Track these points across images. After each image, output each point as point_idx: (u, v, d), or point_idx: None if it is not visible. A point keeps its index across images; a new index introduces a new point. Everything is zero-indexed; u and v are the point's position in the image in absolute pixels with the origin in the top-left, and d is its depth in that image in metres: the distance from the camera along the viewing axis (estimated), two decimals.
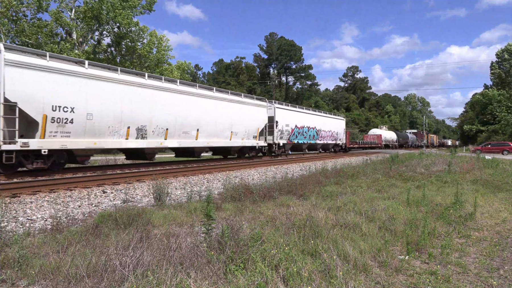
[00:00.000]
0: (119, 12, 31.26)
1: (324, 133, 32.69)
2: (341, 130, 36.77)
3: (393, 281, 3.79)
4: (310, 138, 29.74)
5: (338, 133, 35.98)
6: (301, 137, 28.04)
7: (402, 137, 66.24)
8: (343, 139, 37.21)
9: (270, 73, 78.48)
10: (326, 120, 33.40)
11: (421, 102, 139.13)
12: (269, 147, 24.24)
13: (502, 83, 59.64)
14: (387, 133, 60.30)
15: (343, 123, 38.15)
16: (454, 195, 7.73)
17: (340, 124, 37.02)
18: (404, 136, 67.83)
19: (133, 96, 13.87)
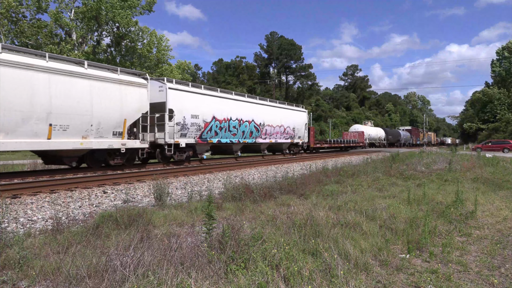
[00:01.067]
0: (117, 12, 31.27)
1: (271, 129, 23.33)
2: (300, 126, 27.24)
3: (394, 280, 3.79)
4: (244, 135, 20.65)
5: (296, 129, 26.49)
6: (226, 134, 19.22)
7: (393, 135, 58.79)
8: (304, 137, 28.03)
9: (270, 73, 78.43)
10: (274, 112, 23.81)
11: (421, 101, 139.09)
12: (160, 149, 15.82)
13: (503, 81, 59.55)
14: (372, 129, 51.99)
15: (303, 116, 28.36)
16: (455, 193, 7.72)
17: (298, 117, 27.25)
18: (394, 134, 60.11)
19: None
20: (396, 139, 59.24)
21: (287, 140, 25.84)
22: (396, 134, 60.58)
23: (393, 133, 59.39)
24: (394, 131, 62.27)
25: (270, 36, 79.33)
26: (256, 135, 21.95)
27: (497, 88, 58.38)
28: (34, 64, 10.61)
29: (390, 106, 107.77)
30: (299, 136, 27.38)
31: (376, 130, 52.91)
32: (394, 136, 59.10)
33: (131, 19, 33.33)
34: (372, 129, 52.36)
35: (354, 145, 41.89)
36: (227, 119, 19.24)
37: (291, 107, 27.20)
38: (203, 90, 18.23)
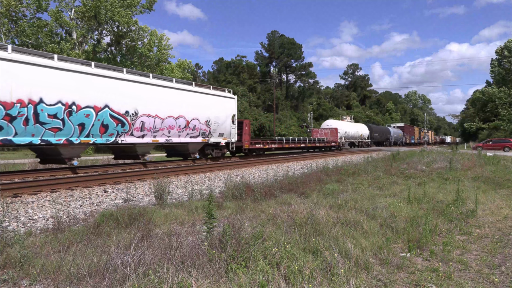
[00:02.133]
0: (117, 11, 31.26)
1: (158, 123, 14.94)
2: (222, 119, 18.67)
3: (395, 279, 3.79)
4: (86, 132, 12.23)
5: (213, 123, 17.99)
6: (30, 129, 10.55)
7: (380, 132, 50.39)
8: (230, 135, 19.32)
9: (271, 72, 78.38)
10: (163, 95, 15.30)
11: (422, 99, 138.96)
12: None
13: (503, 80, 59.46)
14: (351, 126, 42.99)
15: (228, 104, 19.35)
16: (456, 192, 7.72)
17: (218, 106, 18.56)
18: (382, 131, 51.75)
19: None
20: (384, 137, 51.93)
21: (196, 139, 16.97)
22: (384, 131, 52.77)
23: (380, 131, 51.18)
24: (381, 128, 54.56)
25: (271, 35, 79.27)
26: (119, 131, 13.32)
27: (497, 87, 58.30)
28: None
29: (390, 105, 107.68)
30: (220, 134, 18.56)
31: (357, 127, 44.48)
32: (382, 134, 51.39)
33: (131, 18, 33.32)
34: (351, 125, 43.50)
35: (323, 145, 32.80)
36: (33, 102, 10.52)
37: (203, 89, 17.76)
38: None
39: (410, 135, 65.46)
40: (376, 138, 48.60)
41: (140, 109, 14.13)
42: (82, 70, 12.04)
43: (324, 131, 36.15)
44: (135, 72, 14.99)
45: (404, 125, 66.86)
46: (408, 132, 64.36)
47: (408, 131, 65.39)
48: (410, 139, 64.76)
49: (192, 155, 17.63)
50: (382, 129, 53.56)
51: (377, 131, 49.99)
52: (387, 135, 53.32)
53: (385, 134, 52.94)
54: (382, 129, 53.87)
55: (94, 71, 12.43)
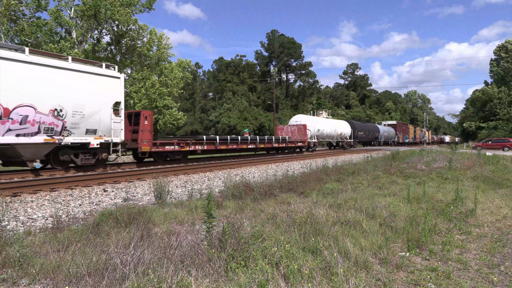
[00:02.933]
0: (116, 10, 31.21)
1: None
2: (98, 106, 13.17)
3: (394, 278, 3.79)
4: None
5: (77, 116, 12.54)
6: None
7: (366, 130, 43.66)
8: (114, 133, 13.86)
9: (270, 71, 78.33)
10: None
11: (422, 99, 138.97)
12: None
13: (502, 80, 59.51)
14: (327, 123, 34.65)
15: (111, 86, 13.71)
16: (455, 191, 7.73)
17: (92, 88, 12.97)
18: (369, 129, 45.01)
19: None
20: (371, 136, 45.64)
21: (31, 138, 11.12)
22: (371, 129, 45.80)
23: (366, 129, 44.14)
24: (368, 125, 47.28)
25: (271, 34, 79.22)
26: None
27: (497, 87, 58.35)
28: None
29: (390, 105, 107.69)
30: (89, 130, 12.92)
31: (335, 124, 36.26)
32: (368, 133, 44.32)
33: (130, 17, 33.27)
34: (327, 122, 34.91)
35: (285, 146, 26.04)
36: None
37: (48, 60, 11.70)
38: None
39: (403, 134, 59.82)
40: (360, 137, 41.96)
41: None
42: None
43: (291, 129, 29.54)
44: None
45: (396, 123, 60.05)
46: (401, 131, 58.55)
47: (402, 129, 59.49)
48: (403, 138, 59.33)
49: (30, 163, 11.35)
50: (369, 127, 46.13)
51: (362, 129, 43.01)
52: (375, 133, 46.82)
53: (373, 132, 46.34)
54: (368, 127, 46.32)
55: None
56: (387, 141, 52.07)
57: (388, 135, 52.04)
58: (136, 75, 35.21)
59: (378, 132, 48.13)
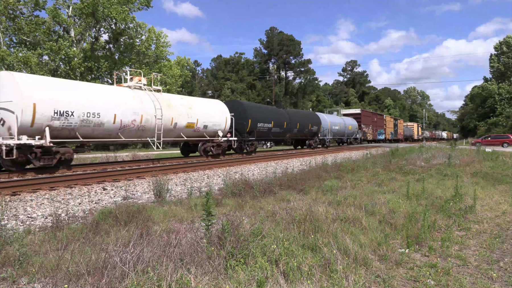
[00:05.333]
0: (114, 8, 31.11)
1: None
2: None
3: (393, 275, 3.80)
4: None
5: None
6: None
7: (290, 123, 25.11)
8: None
9: (269, 68, 78.20)
10: None
11: (421, 96, 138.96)
12: None
13: (502, 76, 59.48)
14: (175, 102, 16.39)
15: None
16: (454, 188, 7.73)
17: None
18: (295, 120, 25.88)
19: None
20: (306, 132, 28.09)
21: None
22: (304, 120, 27.41)
23: (287, 119, 24.94)
24: (294, 114, 26.65)
25: (269, 32, 79.02)
26: None
27: (496, 83, 58.33)
28: None
29: (389, 101, 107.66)
30: None
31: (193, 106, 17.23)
32: (303, 128, 27.01)
33: (128, 15, 33.16)
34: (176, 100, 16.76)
35: None
36: None
37: None
38: None
39: (375, 128, 44.43)
40: (275, 133, 23.52)
41: None
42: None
43: None
44: None
45: (361, 111, 41.80)
46: (370, 123, 42.64)
47: (371, 121, 43.39)
48: (375, 133, 44.48)
49: None
50: (295, 117, 26.14)
51: (278, 119, 23.62)
52: (312, 127, 28.43)
53: (307, 125, 27.49)
54: (294, 116, 26.05)
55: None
56: (344, 138, 36.76)
57: (346, 131, 36.34)
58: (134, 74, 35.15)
59: (318, 125, 29.47)
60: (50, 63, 31.42)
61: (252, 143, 21.72)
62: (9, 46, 31.95)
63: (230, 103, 21.73)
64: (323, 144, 31.79)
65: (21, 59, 28.71)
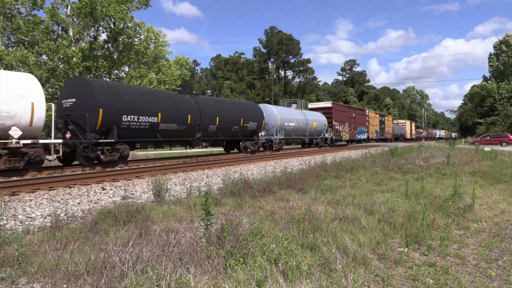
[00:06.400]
0: (112, 7, 31.05)
1: None
2: None
3: (393, 273, 3.80)
4: None
5: None
6: None
7: (201, 116, 16.93)
8: None
9: (269, 68, 78.16)
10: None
11: (420, 95, 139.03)
12: None
13: (501, 75, 59.53)
14: None
15: None
16: (453, 187, 7.74)
17: None
18: (225, 115, 18.85)
19: None
20: (241, 132, 20.64)
21: None
22: (242, 115, 20.59)
23: (217, 113, 18.44)
24: (232, 105, 21.13)
25: (269, 31, 78.98)
26: None
27: (496, 82, 58.37)
28: None
29: (388, 101, 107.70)
30: None
31: None
32: (229, 124, 19.52)
33: (127, 14, 33.09)
34: None
35: None
36: None
37: None
38: None
39: (353, 126, 36.08)
40: (167, 131, 15.57)
41: None
42: None
43: None
44: None
45: (332, 105, 32.56)
46: (346, 120, 34.21)
47: (347, 117, 34.73)
48: (353, 132, 36.36)
49: None
50: (213, 108, 18.41)
51: (175, 111, 15.88)
52: (248, 124, 20.95)
53: (237, 120, 20.11)
54: (210, 107, 18.23)
55: None
56: (305, 139, 28.16)
57: (306, 127, 27.56)
58: (133, 73, 35.07)
59: (260, 120, 21.83)
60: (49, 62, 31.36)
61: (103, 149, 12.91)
62: (7, 45, 31.89)
63: (72, 81, 14.41)
64: (270, 146, 24.01)
65: (20, 58, 28.65)
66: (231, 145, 22.96)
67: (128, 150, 14.05)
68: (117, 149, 13.52)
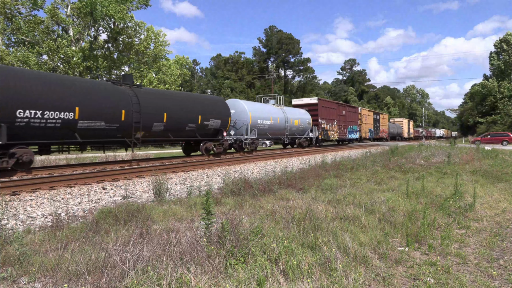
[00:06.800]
0: (112, 7, 31.05)
1: None
2: None
3: (393, 273, 3.80)
4: None
5: None
6: None
7: (141, 111, 13.50)
8: None
9: (268, 67, 78.14)
10: None
11: (421, 94, 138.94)
12: None
13: (502, 74, 59.46)
14: None
15: None
16: (454, 186, 7.74)
17: None
18: (176, 110, 15.15)
19: None
20: (200, 131, 16.81)
21: None
22: (200, 111, 16.61)
23: (166, 108, 14.81)
24: (188, 99, 16.73)
25: (268, 30, 78.95)
26: None
27: (497, 81, 58.31)
28: None
29: (389, 100, 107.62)
30: None
31: None
32: (182, 122, 15.70)
33: (126, 14, 33.10)
34: None
35: None
36: None
37: None
38: None
39: (343, 125, 33.55)
40: (87, 130, 12.05)
41: None
42: None
43: None
44: None
45: (318, 101, 29.66)
46: (335, 118, 31.74)
47: (336, 115, 32.17)
48: (344, 131, 33.78)
49: None
50: (159, 102, 14.73)
51: (98, 104, 12.28)
52: (209, 121, 17.13)
53: (193, 118, 16.21)
54: (154, 100, 14.58)
55: None
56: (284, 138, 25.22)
57: (285, 125, 24.57)
58: (133, 73, 35.06)
59: (225, 118, 18.39)
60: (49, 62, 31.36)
61: None
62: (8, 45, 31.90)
63: None
64: (240, 147, 21.02)
65: (20, 59, 28.66)
66: (192, 146, 19.37)
67: (31, 155, 10.90)
68: (12, 154, 10.38)
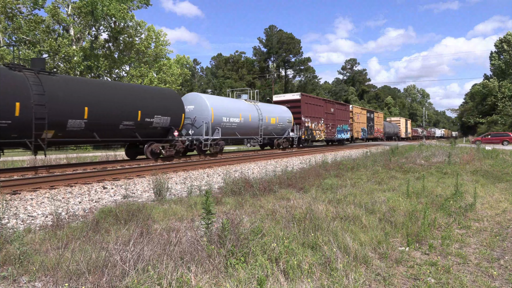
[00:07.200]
0: (113, 6, 31.05)
1: None
2: None
3: (394, 273, 3.80)
4: None
5: None
6: None
7: (52, 107, 10.84)
8: None
9: (269, 67, 78.10)
10: None
11: (421, 94, 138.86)
12: None
13: (503, 74, 59.40)
14: None
15: None
16: (454, 186, 7.73)
17: None
18: (106, 105, 12.57)
19: None
20: (143, 131, 14.29)
21: None
22: (143, 105, 14.04)
23: (89, 101, 12.11)
24: (124, 90, 13.85)
25: (269, 30, 78.89)
26: None
27: (497, 81, 58.25)
28: None
29: (389, 100, 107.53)
30: None
31: None
32: (116, 119, 13.05)
33: (127, 13, 33.09)
34: None
35: None
36: None
37: None
38: None
39: (331, 124, 31.18)
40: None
41: None
42: None
43: None
44: None
45: (300, 97, 27.15)
46: (321, 116, 29.39)
47: (323, 113, 29.67)
48: (332, 131, 31.44)
49: None
50: (81, 93, 12.02)
51: None
52: (154, 118, 14.60)
53: (131, 114, 13.62)
54: (75, 93, 11.86)
55: None
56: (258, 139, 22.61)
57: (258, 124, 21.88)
58: (134, 72, 35.05)
59: (177, 115, 15.87)
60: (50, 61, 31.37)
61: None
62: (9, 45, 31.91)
63: None
64: (200, 149, 18.17)
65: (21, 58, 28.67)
66: (139, 148, 15.99)
67: None
68: None
